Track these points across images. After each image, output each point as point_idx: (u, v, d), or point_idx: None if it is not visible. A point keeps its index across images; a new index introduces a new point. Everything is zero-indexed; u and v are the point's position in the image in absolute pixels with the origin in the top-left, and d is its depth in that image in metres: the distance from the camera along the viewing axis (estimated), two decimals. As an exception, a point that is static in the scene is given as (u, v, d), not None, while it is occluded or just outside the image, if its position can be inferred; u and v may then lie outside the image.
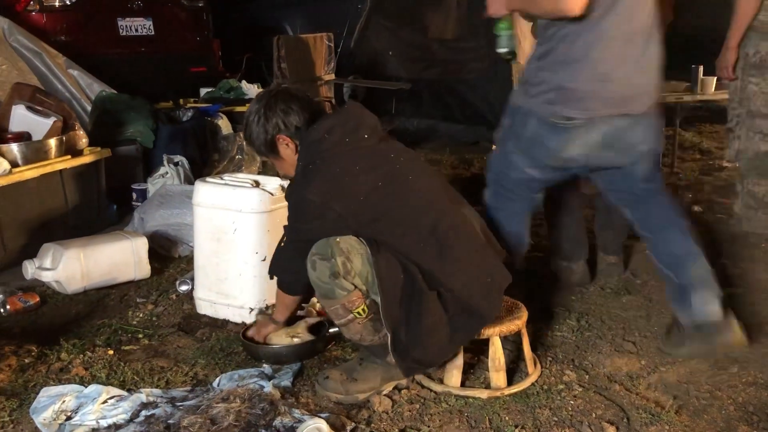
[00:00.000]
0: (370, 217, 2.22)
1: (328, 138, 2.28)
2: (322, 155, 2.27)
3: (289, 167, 2.42)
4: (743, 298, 3.12)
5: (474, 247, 2.34)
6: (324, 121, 2.32)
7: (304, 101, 2.39)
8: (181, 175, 4.42)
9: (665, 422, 2.20)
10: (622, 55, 2.37)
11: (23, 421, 2.19)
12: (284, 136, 2.35)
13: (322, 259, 2.19)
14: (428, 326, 2.20)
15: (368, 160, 2.29)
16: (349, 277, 2.19)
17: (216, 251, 2.91)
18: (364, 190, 2.23)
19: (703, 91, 5.15)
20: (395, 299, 2.19)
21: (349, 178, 2.23)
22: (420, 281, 2.19)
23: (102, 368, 2.49)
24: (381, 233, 2.22)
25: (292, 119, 2.33)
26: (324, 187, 2.21)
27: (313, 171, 2.26)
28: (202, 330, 2.85)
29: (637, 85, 2.42)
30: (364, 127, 2.33)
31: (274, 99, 2.36)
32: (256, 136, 2.37)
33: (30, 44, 4.90)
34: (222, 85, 5.98)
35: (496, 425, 2.19)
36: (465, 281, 2.25)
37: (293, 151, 2.37)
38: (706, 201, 4.57)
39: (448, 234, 2.27)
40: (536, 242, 3.76)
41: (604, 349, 2.68)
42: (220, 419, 2.06)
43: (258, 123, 2.35)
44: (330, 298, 2.22)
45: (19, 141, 3.57)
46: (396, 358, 2.23)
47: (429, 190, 2.36)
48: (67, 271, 3.13)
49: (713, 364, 2.56)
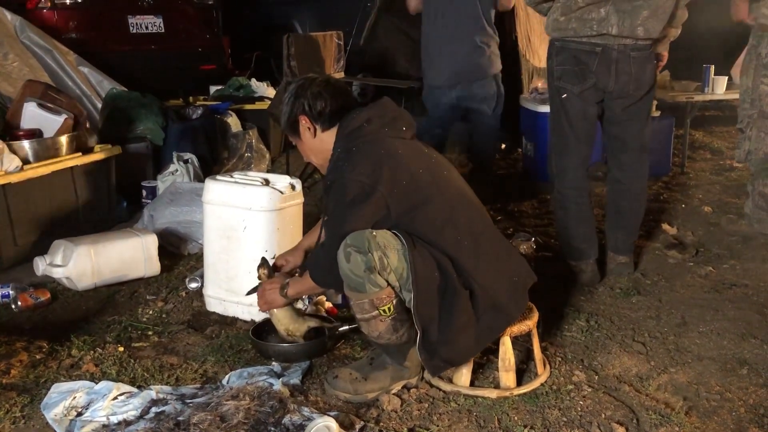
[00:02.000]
0: (410, 204, 2.21)
1: (368, 126, 2.30)
2: (364, 139, 2.28)
3: (306, 150, 2.44)
4: (753, 299, 3.11)
5: (503, 246, 2.37)
6: (362, 112, 2.33)
7: (340, 93, 2.40)
8: (191, 172, 4.43)
9: (675, 423, 2.19)
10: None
11: (34, 417, 2.20)
12: (307, 119, 2.36)
13: (358, 251, 2.15)
14: (459, 326, 2.21)
15: (408, 148, 2.31)
16: (385, 273, 2.16)
17: (226, 249, 2.92)
18: (407, 175, 2.23)
19: (714, 90, 5.12)
20: (428, 297, 2.18)
21: (393, 162, 2.23)
22: (455, 280, 2.19)
23: (112, 365, 2.50)
24: (419, 223, 2.21)
25: (318, 104, 2.35)
26: (370, 168, 2.20)
27: (355, 153, 2.25)
28: (212, 327, 2.85)
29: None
30: (401, 120, 2.36)
31: (310, 82, 2.40)
32: (284, 112, 2.41)
33: (41, 41, 4.93)
34: (231, 83, 5.99)
35: (505, 425, 2.19)
36: (495, 278, 2.26)
37: (312, 134, 2.38)
38: (716, 201, 4.54)
39: (481, 231, 2.29)
40: (545, 242, 3.76)
41: (614, 349, 2.67)
42: (229, 416, 2.06)
43: (287, 101, 2.40)
44: (359, 291, 2.19)
45: (31, 138, 3.59)
46: (424, 356, 2.22)
47: (462, 187, 2.38)
48: (77, 268, 3.15)
49: (723, 366, 2.55)
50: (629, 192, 3.32)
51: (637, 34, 3.03)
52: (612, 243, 3.40)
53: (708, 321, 2.90)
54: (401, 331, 2.24)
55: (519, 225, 4.12)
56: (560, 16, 3.09)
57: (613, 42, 3.05)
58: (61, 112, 3.79)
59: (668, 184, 4.96)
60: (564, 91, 3.18)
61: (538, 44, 5.83)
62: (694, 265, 3.50)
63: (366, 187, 2.18)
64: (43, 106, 3.77)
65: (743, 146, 3.84)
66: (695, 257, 3.60)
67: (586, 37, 3.06)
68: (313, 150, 2.42)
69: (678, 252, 3.64)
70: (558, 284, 3.24)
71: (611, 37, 3.04)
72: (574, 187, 3.27)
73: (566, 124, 3.22)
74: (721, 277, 3.36)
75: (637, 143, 3.27)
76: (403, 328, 2.24)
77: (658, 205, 4.44)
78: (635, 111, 3.21)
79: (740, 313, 2.97)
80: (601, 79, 3.10)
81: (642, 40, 3.07)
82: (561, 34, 3.12)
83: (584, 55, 3.09)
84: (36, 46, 4.91)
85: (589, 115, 3.22)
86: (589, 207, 3.33)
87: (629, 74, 3.10)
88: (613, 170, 3.36)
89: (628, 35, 3.03)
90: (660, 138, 5.00)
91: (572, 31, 3.07)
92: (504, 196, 4.63)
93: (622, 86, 3.12)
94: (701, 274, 3.38)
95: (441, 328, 2.20)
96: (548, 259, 3.55)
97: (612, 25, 3.01)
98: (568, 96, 3.17)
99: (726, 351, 2.66)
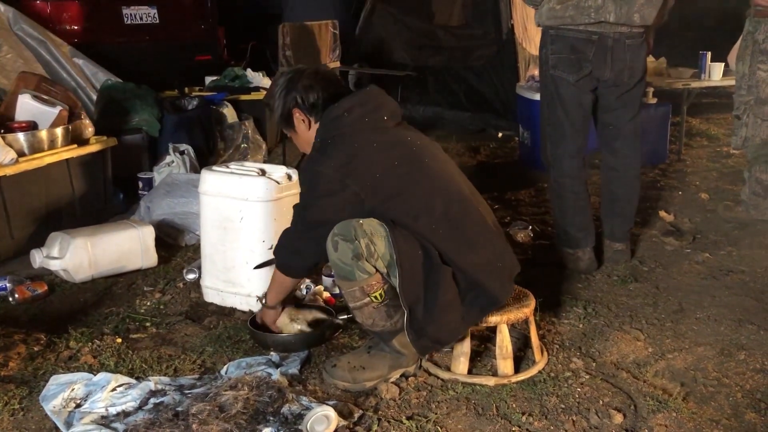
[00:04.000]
0: (384, 195, 2.23)
1: (347, 116, 2.29)
2: (340, 131, 2.28)
3: (302, 142, 2.45)
4: (750, 285, 3.12)
5: (484, 232, 2.35)
6: (344, 101, 2.32)
7: (330, 82, 2.41)
8: (187, 163, 4.41)
9: (672, 409, 2.20)
10: None
11: (33, 409, 2.21)
12: (300, 111, 2.37)
13: (345, 240, 2.17)
14: (443, 304, 2.21)
15: (386, 140, 2.30)
16: (372, 259, 2.18)
17: (223, 240, 2.91)
18: (381, 168, 2.24)
19: (711, 77, 5.12)
20: (413, 277, 2.19)
21: (366, 155, 2.24)
22: (436, 256, 2.20)
23: (110, 356, 2.50)
24: (394, 213, 2.22)
25: (310, 96, 2.36)
26: (340, 162, 2.22)
27: (330, 146, 2.27)
28: (210, 318, 2.86)
29: None
30: (383, 109, 2.35)
31: (299, 74, 2.40)
32: (276, 106, 2.41)
33: (35, 33, 4.90)
34: (227, 74, 5.97)
35: (503, 412, 2.19)
36: (476, 262, 2.26)
37: (307, 126, 2.39)
38: (713, 188, 4.55)
39: (459, 218, 2.28)
40: (542, 230, 3.77)
41: (611, 336, 2.67)
42: (228, 407, 2.07)
43: (280, 95, 2.40)
44: (349, 279, 2.21)
45: (26, 130, 3.57)
46: (411, 335, 2.23)
47: (443, 174, 2.36)
48: (74, 260, 3.15)
49: (720, 351, 2.56)
50: (624, 179, 3.33)
51: (633, 21, 3.02)
52: (608, 230, 3.40)
53: (705, 307, 2.91)
54: (395, 317, 2.25)
55: (516, 213, 4.12)
56: (556, 5, 3.08)
57: (610, 30, 3.05)
58: (55, 104, 3.78)
59: (665, 171, 4.96)
60: (559, 79, 3.17)
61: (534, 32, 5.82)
62: (691, 251, 3.51)
63: (334, 180, 2.21)
64: (38, 98, 3.75)
65: (740, 133, 3.84)
66: (692, 244, 3.60)
67: (583, 25, 3.05)
68: (308, 142, 2.42)
69: (675, 239, 3.65)
70: (555, 272, 3.25)
71: (608, 24, 3.03)
72: (570, 176, 3.27)
73: (562, 113, 3.21)
74: (718, 263, 3.37)
75: (631, 130, 3.28)
76: (396, 315, 2.25)
77: (655, 192, 4.44)
78: (628, 98, 3.21)
79: (737, 299, 2.98)
80: (597, 68, 3.10)
81: (637, 27, 3.07)
82: (557, 22, 3.10)
83: (581, 43, 3.08)
84: (30, 37, 4.88)
85: (584, 104, 3.21)
86: (586, 195, 3.33)
87: (624, 62, 3.10)
88: (607, 158, 3.36)
89: (625, 22, 3.02)
90: (657, 125, 5.00)
91: (569, 19, 3.06)
92: (501, 184, 4.63)
93: (617, 74, 3.12)
94: (698, 261, 3.39)
95: (427, 307, 2.20)
96: (545, 247, 3.55)
97: (609, 13, 3.00)
98: (563, 84, 3.17)
99: (723, 337, 2.67)
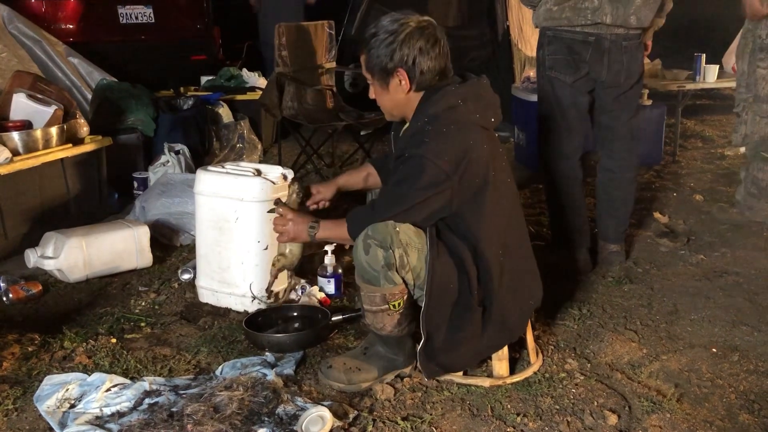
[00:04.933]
0: (471, 201, 2.15)
1: (462, 107, 2.14)
2: (456, 122, 2.12)
3: (388, 103, 2.25)
4: (744, 286, 3.13)
5: (530, 265, 2.35)
6: (460, 88, 2.17)
7: (444, 52, 2.18)
8: (182, 163, 4.41)
9: (666, 410, 2.20)
10: None
11: (27, 409, 2.20)
12: (405, 73, 2.16)
13: (380, 246, 2.10)
14: (463, 339, 2.21)
15: (491, 144, 2.20)
16: (403, 271, 2.14)
17: (218, 240, 2.91)
18: (482, 174, 2.15)
19: (705, 79, 5.14)
20: (440, 307, 2.17)
21: (477, 155, 2.12)
22: (472, 297, 2.17)
23: (105, 356, 2.49)
24: (471, 218, 2.16)
25: (424, 63, 2.14)
26: (454, 156, 2.08)
27: (446, 135, 2.10)
28: (205, 318, 2.85)
29: None
30: (491, 110, 2.23)
31: (419, 32, 2.14)
32: (378, 55, 2.16)
33: (30, 32, 4.88)
34: (222, 73, 5.96)
35: (498, 413, 2.20)
36: (514, 299, 2.26)
37: (404, 91, 2.19)
38: (707, 189, 4.56)
39: (517, 246, 2.27)
40: (538, 231, 3.77)
41: (606, 337, 2.68)
42: (223, 407, 2.06)
43: (389, 45, 2.13)
44: (373, 284, 2.17)
45: (20, 129, 3.56)
46: (422, 359, 2.22)
47: (516, 197, 2.32)
48: (69, 260, 3.14)
49: (714, 353, 2.56)
50: (620, 180, 3.33)
51: (629, 23, 3.03)
52: (603, 232, 3.41)
53: (699, 308, 2.92)
54: (404, 324, 2.26)
55: (511, 214, 4.12)
56: (553, 6, 3.09)
57: (606, 31, 3.05)
58: (50, 103, 3.77)
59: (660, 172, 4.98)
60: (556, 81, 3.18)
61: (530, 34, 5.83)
62: (685, 253, 3.52)
63: (443, 175, 2.08)
64: (33, 98, 3.74)
65: (740, 130, 3.82)
66: (686, 245, 3.61)
67: (579, 27, 3.06)
68: (395, 103, 2.23)
69: (669, 240, 3.66)
70: (550, 273, 3.24)
71: (605, 26, 3.04)
72: (566, 177, 3.28)
73: (558, 114, 3.22)
74: (713, 264, 3.38)
75: (627, 132, 3.28)
76: (406, 322, 2.25)
77: (650, 194, 4.45)
78: (625, 100, 3.21)
79: (731, 300, 2.99)
80: (594, 69, 3.11)
81: (634, 29, 3.07)
82: (553, 23, 3.11)
83: (577, 44, 3.09)
84: (24, 36, 4.86)
85: (580, 105, 3.22)
86: (582, 197, 3.34)
87: (621, 63, 3.10)
88: (604, 159, 3.36)
89: (621, 24, 3.03)
90: (652, 127, 5.02)
91: (566, 20, 3.07)
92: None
93: (614, 76, 3.13)
94: (692, 262, 3.40)
95: (446, 338, 2.20)
96: (541, 248, 3.56)
97: (606, 14, 3.01)
98: (560, 86, 3.17)
99: (717, 338, 2.68)
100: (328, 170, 5.13)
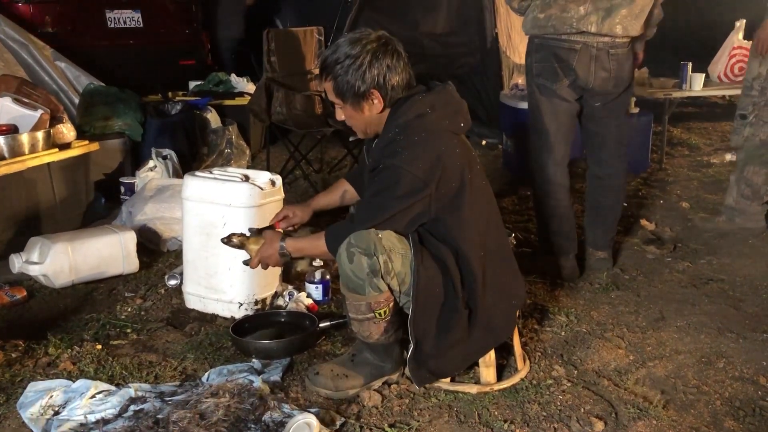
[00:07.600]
0: (450, 207, 2.16)
1: (431, 114, 2.15)
2: (426, 130, 2.13)
3: (361, 123, 2.23)
4: (729, 293, 3.15)
5: (511, 266, 2.36)
6: (427, 97, 2.17)
7: (407, 63, 2.18)
8: (170, 168, 4.39)
9: (653, 417, 2.21)
10: None
11: (10, 416, 2.18)
12: (378, 93, 2.15)
13: (363, 254, 2.10)
14: (451, 342, 2.22)
15: (463, 149, 2.21)
16: (388, 277, 2.14)
17: (205, 245, 2.90)
18: (458, 179, 2.16)
19: (692, 87, 5.18)
20: (427, 312, 2.17)
21: (450, 161, 2.13)
22: (457, 299, 2.18)
23: (90, 363, 2.47)
24: (452, 223, 2.17)
25: (394, 78, 2.14)
26: (429, 164, 2.09)
27: (418, 144, 2.10)
28: (191, 325, 2.83)
29: None
30: (461, 114, 2.24)
31: (383, 49, 2.13)
32: (348, 81, 2.13)
33: (16, 35, 4.84)
34: (211, 78, 5.95)
35: (485, 420, 2.20)
36: (498, 300, 2.27)
37: (378, 110, 2.19)
38: (694, 197, 4.59)
39: (496, 248, 2.28)
40: (525, 237, 3.78)
41: (593, 344, 2.69)
42: (209, 414, 2.05)
43: (358, 68, 2.11)
44: (358, 293, 2.17)
45: (6, 133, 3.53)
46: (412, 366, 2.22)
47: (491, 199, 2.34)
48: (54, 265, 3.11)
49: (700, 359, 2.58)
50: (608, 188, 3.35)
51: (615, 32, 3.05)
52: (591, 239, 3.42)
53: (685, 315, 2.93)
54: (390, 332, 2.26)
55: (499, 221, 4.13)
56: (539, 14, 3.10)
57: (593, 40, 3.07)
58: (37, 107, 3.74)
59: (647, 180, 5.01)
60: (544, 88, 3.19)
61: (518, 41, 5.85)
62: (671, 260, 3.54)
63: (419, 183, 2.09)
64: (19, 102, 3.71)
65: (742, 132, 3.77)
66: (673, 253, 3.63)
67: (565, 35, 3.08)
68: (369, 122, 2.22)
69: (656, 247, 3.68)
70: (538, 280, 3.26)
71: (590, 35, 3.05)
72: (554, 184, 3.29)
73: (546, 120, 3.23)
74: (699, 272, 3.40)
75: (616, 139, 3.30)
76: (392, 329, 2.25)
77: (637, 201, 4.48)
78: (614, 108, 3.23)
79: (717, 307, 3.01)
80: (581, 76, 3.12)
81: (620, 37, 3.09)
82: (540, 31, 3.13)
83: (564, 52, 3.10)
84: (11, 40, 4.82)
85: (568, 112, 3.23)
86: (569, 203, 3.35)
87: (608, 71, 3.12)
88: (592, 166, 3.38)
89: (607, 33, 3.04)
90: (639, 134, 5.05)
91: (552, 29, 3.08)
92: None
93: (601, 83, 3.14)
94: (679, 270, 3.42)
95: (435, 343, 2.20)
96: (528, 255, 3.57)
97: (591, 24, 3.02)
98: (548, 93, 3.19)
99: (703, 345, 2.69)
100: (317, 176, 5.13)
